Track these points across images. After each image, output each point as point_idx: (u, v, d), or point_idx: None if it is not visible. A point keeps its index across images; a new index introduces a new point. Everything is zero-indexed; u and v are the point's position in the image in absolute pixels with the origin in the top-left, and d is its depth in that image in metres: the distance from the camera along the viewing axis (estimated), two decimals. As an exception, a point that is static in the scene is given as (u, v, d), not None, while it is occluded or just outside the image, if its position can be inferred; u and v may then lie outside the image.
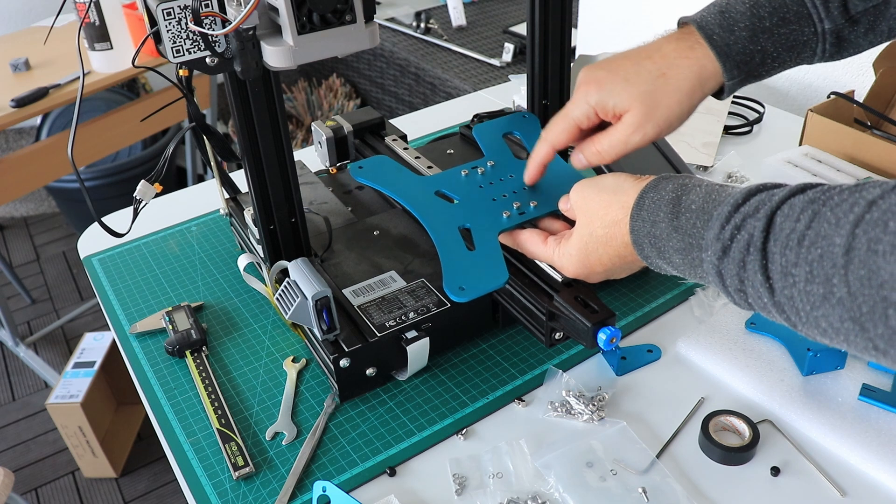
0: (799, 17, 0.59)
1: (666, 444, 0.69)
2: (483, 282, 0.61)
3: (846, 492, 0.64)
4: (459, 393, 0.75)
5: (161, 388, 0.78)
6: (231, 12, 0.61)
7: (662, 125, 0.61)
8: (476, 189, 0.69)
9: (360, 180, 0.70)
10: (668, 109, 0.60)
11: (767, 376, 0.73)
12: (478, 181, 0.70)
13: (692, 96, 0.60)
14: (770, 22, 0.59)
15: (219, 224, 1.04)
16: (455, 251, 0.62)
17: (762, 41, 0.59)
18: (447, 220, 0.65)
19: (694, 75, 0.60)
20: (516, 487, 0.65)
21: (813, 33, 0.60)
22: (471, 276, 0.60)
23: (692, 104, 0.61)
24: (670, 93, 0.60)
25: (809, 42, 0.60)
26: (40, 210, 2.81)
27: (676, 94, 0.60)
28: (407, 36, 2.25)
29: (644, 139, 0.62)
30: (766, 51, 0.60)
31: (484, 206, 0.67)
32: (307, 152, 1.16)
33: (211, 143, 0.79)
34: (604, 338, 0.64)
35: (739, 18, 0.59)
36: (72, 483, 1.76)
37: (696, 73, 0.60)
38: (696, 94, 0.61)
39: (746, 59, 0.60)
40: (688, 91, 0.60)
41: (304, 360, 0.80)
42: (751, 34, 0.59)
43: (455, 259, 0.61)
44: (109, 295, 0.93)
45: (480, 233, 0.64)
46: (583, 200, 0.60)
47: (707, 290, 0.86)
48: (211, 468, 0.69)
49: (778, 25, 0.59)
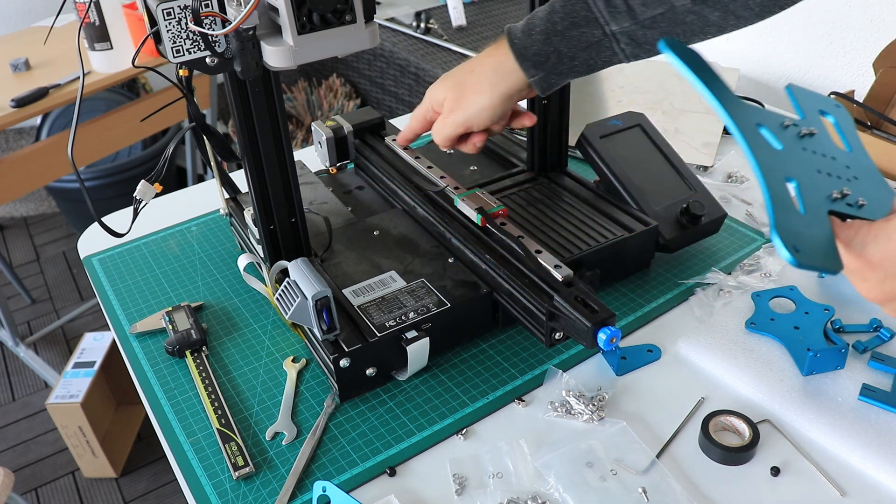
0: (587, 21, 0.68)
1: (666, 444, 0.69)
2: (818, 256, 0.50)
3: (846, 492, 0.64)
4: (459, 393, 0.75)
5: (161, 388, 0.78)
6: (231, 12, 0.61)
7: (471, 108, 0.74)
8: (800, 147, 0.57)
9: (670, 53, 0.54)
10: (475, 95, 0.74)
11: (767, 376, 0.73)
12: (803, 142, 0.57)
13: (495, 86, 0.72)
14: (562, 26, 0.68)
15: (219, 224, 1.04)
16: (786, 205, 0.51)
17: (555, 43, 0.69)
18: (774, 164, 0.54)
19: (493, 70, 0.72)
20: (516, 487, 0.65)
21: (603, 34, 0.68)
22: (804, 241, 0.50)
23: (496, 93, 0.72)
24: (474, 83, 0.74)
25: (602, 42, 0.68)
26: (40, 210, 2.81)
27: (479, 84, 0.73)
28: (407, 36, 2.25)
29: (454, 122, 0.75)
30: (561, 51, 0.69)
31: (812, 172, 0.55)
32: (307, 152, 1.16)
33: (211, 143, 0.79)
34: (604, 338, 0.64)
35: (537, 24, 0.69)
36: (72, 483, 1.76)
37: (496, 68, 0.72)
38: (500, 85, 0.72)
39: (542, 59, 0.70)
40: (490, 82, 0.72)
41: (304, 360, 0.80)
42: (545, 37, 0.69)
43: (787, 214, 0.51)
44: (109, 295, 0.93)
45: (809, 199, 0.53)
46: None
47: (707, 290, 0.86)
48: (211, 468, 0.69)
49: (569, 29, 0.68)
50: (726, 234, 0.95)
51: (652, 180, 0.91)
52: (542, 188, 0.95)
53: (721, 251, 0.93)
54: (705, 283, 0.87)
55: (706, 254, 0.92)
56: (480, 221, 0.80)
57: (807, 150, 0.57)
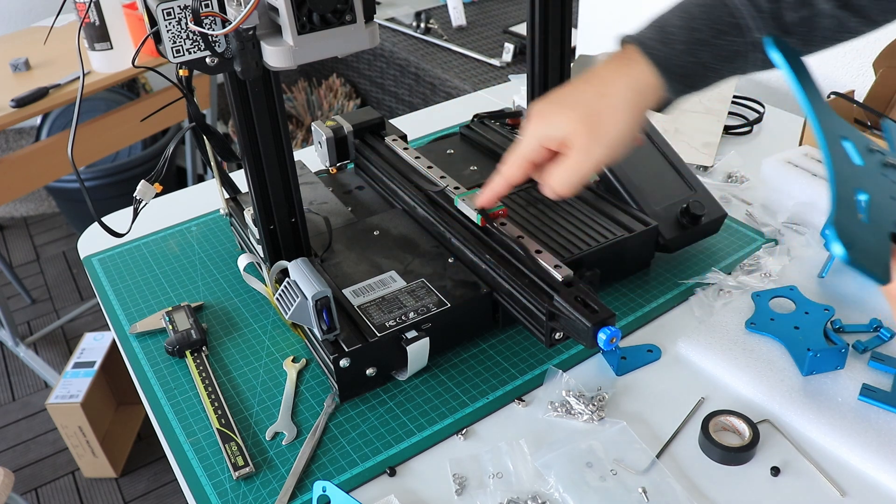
0: (732, 27, 0.60)
1: (666, 444, 0.69)
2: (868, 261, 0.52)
3: (846, 492, 0.64)
4: (459, 393, 0.75)
5: (161, 388, 0.78)
6: (231, 12, 0.61)
7: (610, 144, 0.61)
8: (881, 172, 0.59)
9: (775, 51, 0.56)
10: (613, 127, 0.61)
11: (767, 376, 0.73)
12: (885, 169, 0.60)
13: (634, 110, 0.61)
14: (707, 34, 0.60)
15: (219, 224, 1.04)
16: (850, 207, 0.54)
17: (699, 53, 0.60)
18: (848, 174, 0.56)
19: (632, 89, 0.60)
20: (516, 487, 0.65)
21: (745, 42, 0.60)
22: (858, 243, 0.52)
23: (636, 118, 0.61)
24: (611, 111, 0.60)
25: (743, 51, 0.60)
26: (40, 210, 2.81)
27: (617, 110, 0.60)
28: (407, 36, 2.25)
29: (594, 162, 0.62)
30: (705, 62, 0.60)
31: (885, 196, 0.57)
32: (307, 152, 1.16)
33: (211, 143, 0.79)
34: (604, 338, 0.64)
35: (677, 32, 0.60)
36: (72, 483, 1.76)
37: (634, 87, 0.60)
38: (639, 107, 0.61)
39: (687, 72, 0.60)
40: (629, 105, 0.60)
41: (304, 360, 0.80)
42: (688, 47, 0.60)
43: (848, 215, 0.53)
44: (109, 295, 0.93)
45: (875, 215, 0.55)
46: None
47: (707, 290, 0.86)
48: (211, 468, 0.69)
49: (715, 37, 0.60)
50: (726, 234, 0.95)
51: (652, 180, 0.91)
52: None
53: (721, 251, 0.93)
54: (705, 283, 0.87)
55: (706, 254, 0.92)
56: (480, 221, 0.80)
57: (886, 178, 0.59)
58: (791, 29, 0.60)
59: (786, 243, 0.92)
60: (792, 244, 0.92)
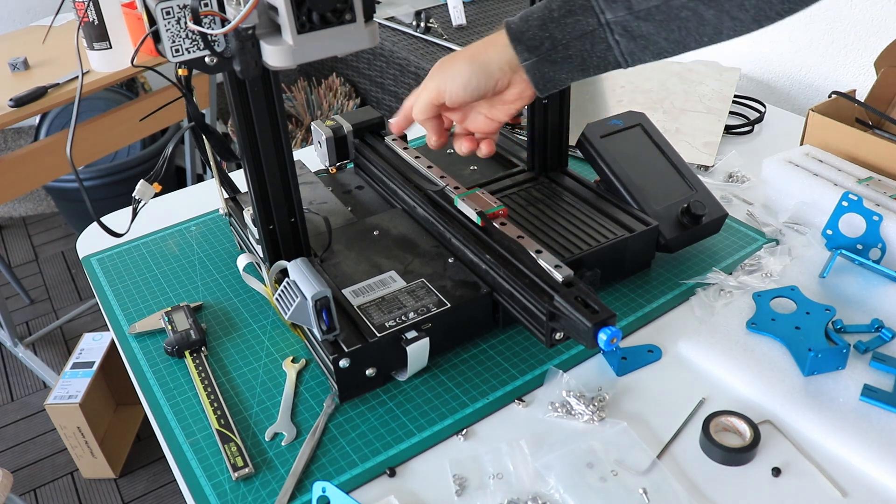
0: (583, 8, 0.68)
1: (667, 444, 0.68)
2: None
3: (847, 492, 0.63)
4: (459, 393, 0.75)
5: (160, 389, 0.78)
6: (230, 11, 0.60)
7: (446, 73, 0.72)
8: None
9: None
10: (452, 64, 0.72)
11: (768, 377, 0.73)
12: None
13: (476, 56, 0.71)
14: (559, 13, 0.69)
15: (218, 224, 1.04)
16: None
17: (550, 29, 0.69)
18: None
19: (481, 44, 0.72)
20: (517, 488, 0.65)
21: (598, 23, 0.68)
22: None
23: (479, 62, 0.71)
24: (457, 56, 0.72)
25: (597, 32, 0.68)
26: (39, 210, 2.80)
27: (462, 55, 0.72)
28: (407, 35, 2.25)
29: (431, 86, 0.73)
30: (555, 37, 0.69)
31: None
32: (307, 152, 1.16)
33: (210, 142, 0.79)
34: (604, 338, 0.64)
35: (535, 11, 0.70)
36: (70, 484, 1.76)
37: (484, 43, 0.72)
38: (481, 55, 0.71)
39: (536, 44, 0.69)
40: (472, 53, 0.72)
41: (303, 361, 0.79)
42: (541, 23, 0.69)
43: None
44: (108, 295, 0.92)
45: None
46: None
47: (708, 290, 0.85)
48: (210, 469, 0.69)
49: (565, 16, 0.68)
50: (727, 234, 0.95)
51: (653, 180, 0.91)
52: (543, 188, 0.95)
53: (722, 251, 0.92)
54: (706, 283, 0.86)
55: (707, 254, 0.92)
56: (480, 221, 0.80)
57: None
58: (645, 16, 0.67)
59: (787, 243, 0.92)
60: (793, 244, 0.92)
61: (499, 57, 0.70)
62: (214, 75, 2.08)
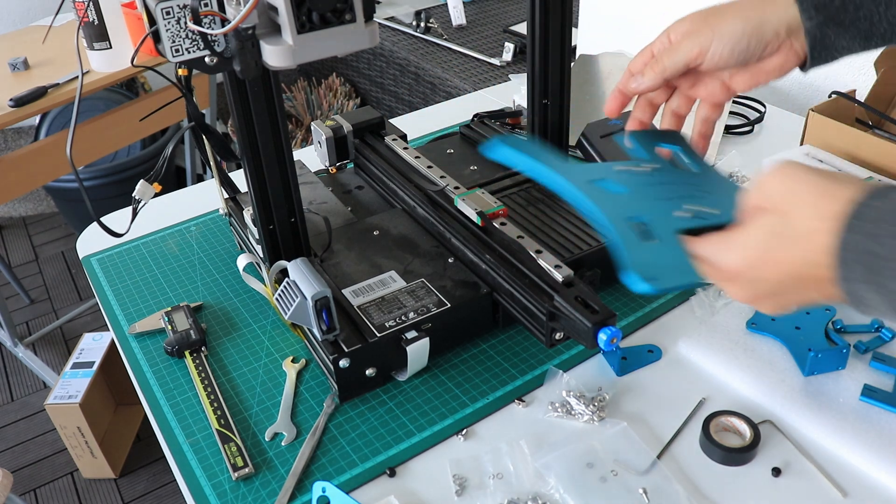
0: None
1: (667, 444, 0.68)
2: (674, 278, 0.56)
3: (847, 492, 0.63)
4: (459, 393, 0.75)
5: (160, 389, 0.78)
6: (230, 11, 0.60)
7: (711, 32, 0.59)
8: (647, 184, 0.63)
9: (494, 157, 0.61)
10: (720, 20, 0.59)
11: (768, 377, 0.73)
12: (644, 179, 0.63)
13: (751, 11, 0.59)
14: None
15: (218, 224, 1.04)
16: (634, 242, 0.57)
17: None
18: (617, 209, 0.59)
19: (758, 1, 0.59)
20: (517, 488, 0.65)
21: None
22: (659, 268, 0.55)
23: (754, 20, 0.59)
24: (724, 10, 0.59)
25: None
26: (39, 210, 2.80)
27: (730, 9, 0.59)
28: (407, 35, 2.25)
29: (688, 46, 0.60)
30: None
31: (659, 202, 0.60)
32: (307, 152, 1.16)
33: (210, 142, 0.79)
34: (604, 338, 0.64)
35: None
36: (70, 484, 1.76)
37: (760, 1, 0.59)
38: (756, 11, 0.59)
39: (825, 2, 0.58)
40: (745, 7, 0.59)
41: (303, 361, 0.79)
42: None
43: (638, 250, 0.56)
44: (108, 295, 0.92)
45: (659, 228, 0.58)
46: (784, 182, 0.48)
47: (708, 290, 0.85)
48: (210, 469, 0.69)
49: None
50: (727, 234, 0.95)
51: (652, 180, 0.91)
52: (543, 188, 0.95)
53: (722, 251, 0.92)
54: (706, 282, 0.86)
55: (707, 254, 0.92)
56: (480, 221, 0.80)
57: (654, 185, 0.62)
58: None
59: (786, 243, 0.92)
60: (793, 244, 0.92)
61: (777, 17, 0.59)
62: (214, 75, 2.08)
